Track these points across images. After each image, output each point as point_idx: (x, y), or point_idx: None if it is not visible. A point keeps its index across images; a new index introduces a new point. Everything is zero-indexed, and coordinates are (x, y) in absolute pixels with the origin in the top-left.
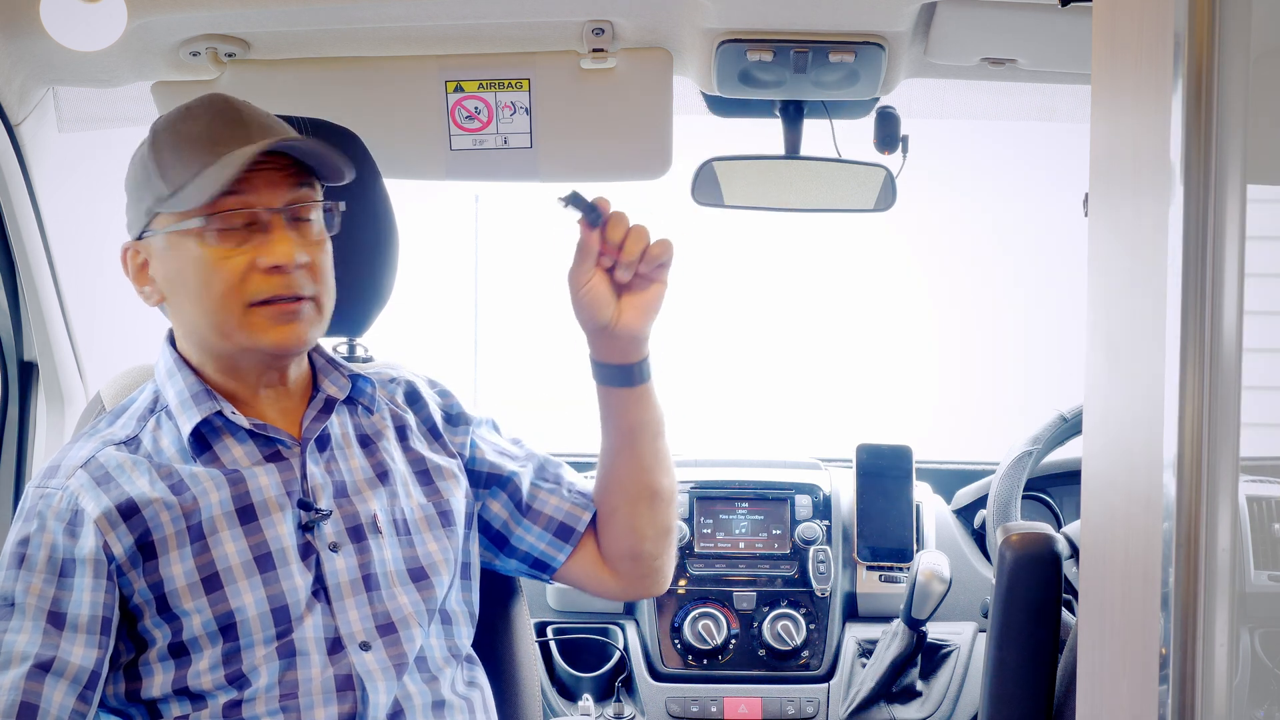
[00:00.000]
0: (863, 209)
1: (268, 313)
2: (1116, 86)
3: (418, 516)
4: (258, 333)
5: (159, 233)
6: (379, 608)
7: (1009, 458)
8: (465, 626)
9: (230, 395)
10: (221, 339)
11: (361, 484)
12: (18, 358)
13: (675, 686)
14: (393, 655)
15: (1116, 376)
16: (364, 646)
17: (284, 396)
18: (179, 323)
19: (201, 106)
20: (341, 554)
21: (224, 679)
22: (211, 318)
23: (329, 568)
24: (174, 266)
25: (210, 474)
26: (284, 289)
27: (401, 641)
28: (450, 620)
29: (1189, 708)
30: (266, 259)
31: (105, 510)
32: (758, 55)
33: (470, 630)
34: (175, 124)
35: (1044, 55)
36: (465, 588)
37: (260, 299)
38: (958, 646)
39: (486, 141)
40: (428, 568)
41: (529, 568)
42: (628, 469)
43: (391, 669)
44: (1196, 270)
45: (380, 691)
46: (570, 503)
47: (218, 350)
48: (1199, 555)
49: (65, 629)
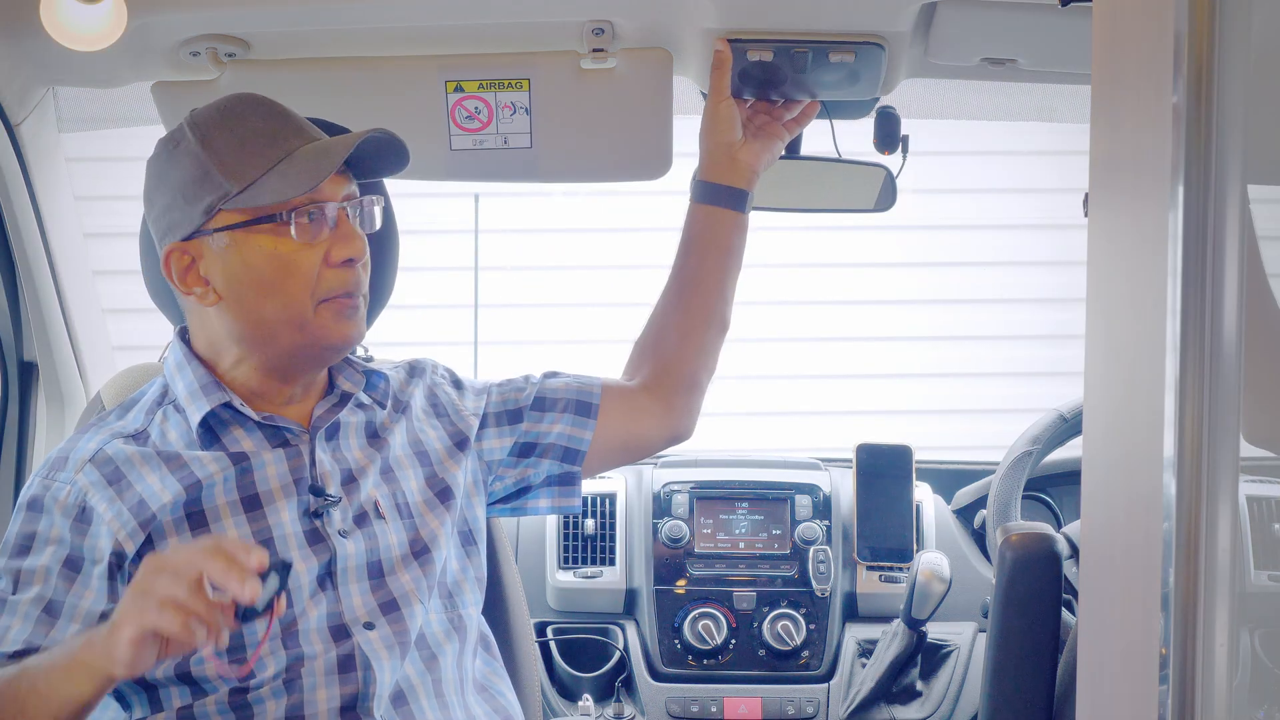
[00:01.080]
0: (863, 209)
1: (334, 308)
2: (1116, 86)
3: (418, 499)
4: (327, 328)
5: (222, 230)
6: (382, 589)
7: (1009, 458)
8: (471, 594)
9: (250, 394)
10: (292, 332)
11: (367, 471)
12: (18, 358)
13: (675, 686)
14: (396, 632)
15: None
16: (368, 626)
17: (306, 395)
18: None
19: (245, 105)
20: (352, 539)
21: (228, 666)
22: (285, 313)
23: (340, 553)
24: (241, 264)
25: (217, 458)
26: (355, 285)
27: (404, 619)
28: (453, 593)
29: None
30: (341, 253)
31: (118, 513)
32: (758, 55)
33: (479, 596)
34: (227, 122)
35: (1044, 55)
36: (469, 554)
37: (331, 295)
38: (958, 646)
39: (486, 141)
40: (429, 542)
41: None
42: (714, 294)
43: (396, 646)
44: (1196, 270)
45: (385, 670)
46: (577, 382)
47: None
48: (1199, 555)
49: (60, 620)
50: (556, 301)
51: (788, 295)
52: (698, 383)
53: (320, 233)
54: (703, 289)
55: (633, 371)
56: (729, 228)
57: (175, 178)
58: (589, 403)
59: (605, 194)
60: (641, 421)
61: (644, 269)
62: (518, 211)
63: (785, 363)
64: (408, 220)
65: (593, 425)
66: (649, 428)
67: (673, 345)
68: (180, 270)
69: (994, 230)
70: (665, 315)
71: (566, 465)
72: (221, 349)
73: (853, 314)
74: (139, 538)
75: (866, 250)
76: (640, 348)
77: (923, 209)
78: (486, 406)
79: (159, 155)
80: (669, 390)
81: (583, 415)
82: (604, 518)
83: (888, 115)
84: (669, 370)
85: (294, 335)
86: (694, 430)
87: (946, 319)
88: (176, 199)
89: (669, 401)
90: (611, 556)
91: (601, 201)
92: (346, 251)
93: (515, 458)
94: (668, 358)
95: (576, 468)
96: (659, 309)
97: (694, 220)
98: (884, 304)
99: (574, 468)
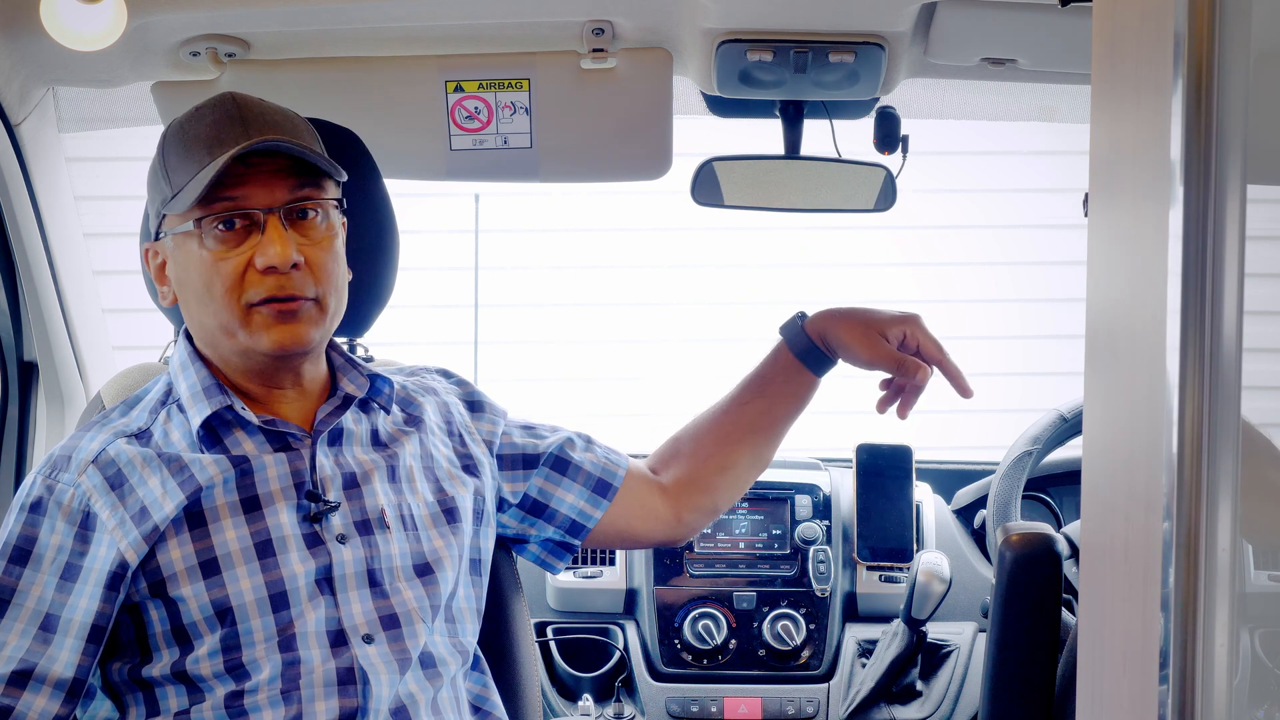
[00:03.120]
0: (863, 209)
1: (267, 312)
2: (1116, 86)
3: (424, 514)
4: (258, 332)
5: (167, 234)
6: (383, 601)
7: (1009, 458)
8: (471, 624)
9: (246, 393)
10: (226, 338)
11: (371, 479)
12: (18, 358)
13: (675, 686)
14: (395, 650)
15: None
16: (367, 639)
17: (301, 396)
18: (189, 323)
19: (209, 106)
20: (349, 545)
21: (224, 668)
22: (215, 318)
23: (336, 559)
24: (180, 267)
25: (217, 461)
26: (279, 290)
27: (405, 637)
28: (455, 619)
29: (1189, 708)
30: (261, 259)
31: (121, 521)
32: (758, 55)
33: (476, 627)
34: (184, 125)
35: (1044, 55)
36: (474, 584)
37: (258, 300)
38: (958, 646)
39: (486, 141)
40: (433, 563)
41: (564, 533)
42: (767, 442)
43: (395, 664)
44: (1196, 270)
45: (383, 685)
46: (605, 459)
47: (226, 350)
48: (1199, 555)
49: (57, 633)
50: (556, 301)
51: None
52: (716, 509)
53: (248, 237)
54: (759, 433)
55: (660, 465)
56: (807, 388)
57: (148, 178)
58: (610, 484)
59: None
60: (648, 521)
61: (644, 269)
62: (518, 211)
63: None
64: (408, 220)
65: (606, 506)
66: (653, 528)
67: (708, 470)
68: (155, 268)
69: (994, 230)
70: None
71: (569, 536)
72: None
73: None
74: (142, 549)
75: (866, 250)
76: (675, 451)
77: (923, 209)
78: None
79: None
80: (686, 505)
81: (599, 494)
82: None
83: (888, 115)
84: (695, 487)
85: (230, 341)
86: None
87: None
88: (148, 200)
89: (681, 514)
90: (612, 556)
91: (601, 201)
92: (265, 259)
93: (523, 510)
94: (698, 477)
95: (577, 541)
96: (706, 429)
97: (778, 365)
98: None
99: (575, 540)
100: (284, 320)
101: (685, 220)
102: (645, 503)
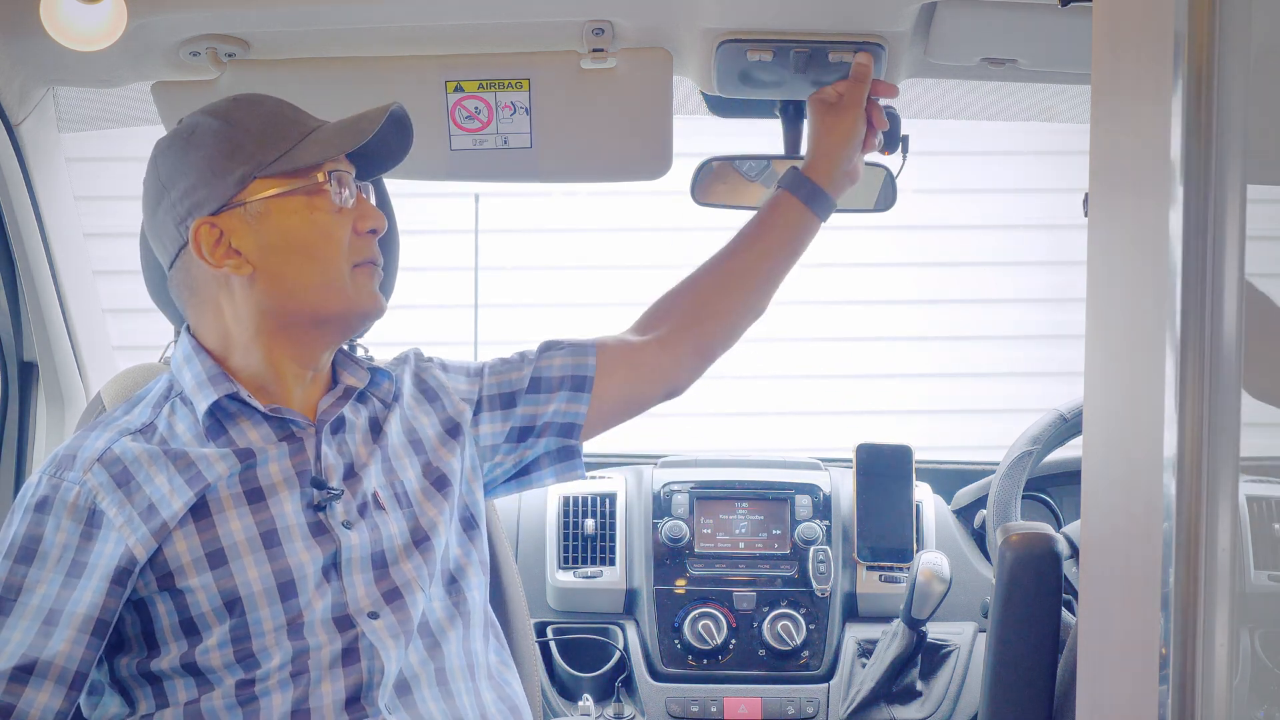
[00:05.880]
0: (863, 209)
1: (366, 273)
2: (1116, 86)
3: (415, 488)
4: (362, 292)
5: (257, 199)
6: (385, 579)
7: (1009, 458)
8: (475, 577)
9: (257, 387)
10: (330, 299)
11: (367, 465)
12: (18, 358)
13: (675, 686)
14: (400, 620)
15: (1116, 376)
16: (372, 615)
17: (308, 385)
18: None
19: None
20: (356, 530)
21: (234, 657)
22: (323, 277)
23: (345, 544)
24: (276, 232)
25: (222, 453)
26: (376, 253)
27: (407, 606)
28: (455, 577)
29: (1189, 708)
30: (366, 223)
31: (129, 519)
32: (758, 55)
33: (483, 579)
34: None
35: (1044, 55)
36: (472, 538)
37: (362, 260)
38: (958, 646)
39: (486, 141)
40: (428, 530)
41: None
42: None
43: (401, 634)
44: (1196, 270)
45: (391, 659)
46: (572, 355)
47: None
48: (1199, 555)
49: (59, 626)
50: (556, 301)
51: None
52: (711, 353)
53: (348, 202)
54: (756, 277)
55: (644, 329)
56: (806, 229)
57: (198, 157)
58: (584, 376)
59: (605, 194)
60: (643, 377)
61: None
62: (518, 211)
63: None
64: (408, 220)
65: (587, 399)
66: (650, 383)
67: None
68: (210, 245)
69: (994, 230)
70: (705, 289)
71: (564, 440)
72: (236, 335)
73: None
74: (150, 545)
75: (866, 250)
76: (662, 310)
77: (923, 209)
78: (480, 391)
79: (173, 144)
80: (683, 349)
81: (577, 390)
82: (604, 518)
83: (888, 115)
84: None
85: (330, 301)
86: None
87: (946, 319)
88: (204, 175)
89: (679, 359)
90: (611, 556)
91: (601, 201)
92: (371, 222)
93: (513, 442)
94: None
95: (575, 441)
96: (700, 280)
97: (776, 210)
98: (884, 304)
99: (572, 441)
100: (374, 282)
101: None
102: (634, 362)
